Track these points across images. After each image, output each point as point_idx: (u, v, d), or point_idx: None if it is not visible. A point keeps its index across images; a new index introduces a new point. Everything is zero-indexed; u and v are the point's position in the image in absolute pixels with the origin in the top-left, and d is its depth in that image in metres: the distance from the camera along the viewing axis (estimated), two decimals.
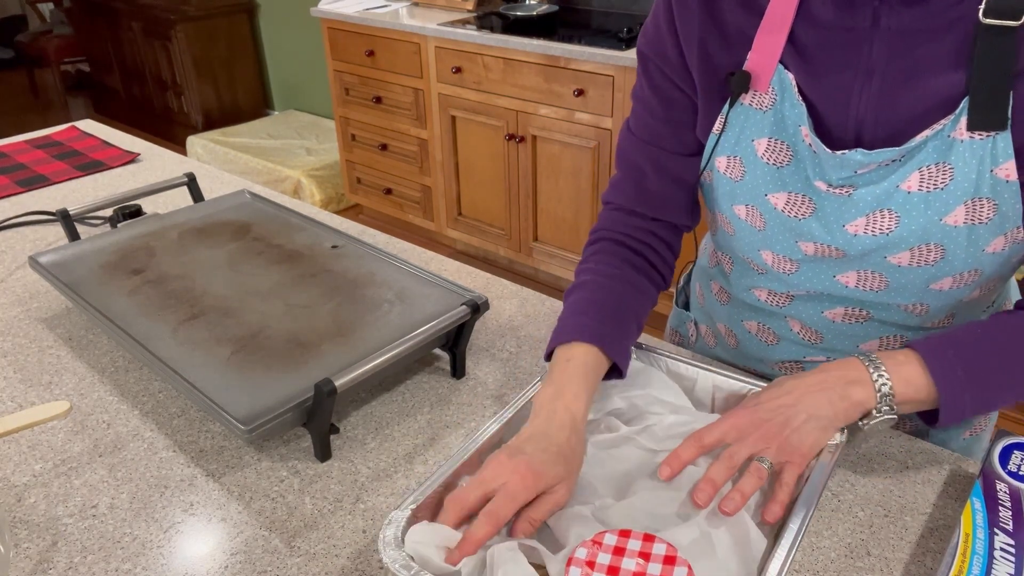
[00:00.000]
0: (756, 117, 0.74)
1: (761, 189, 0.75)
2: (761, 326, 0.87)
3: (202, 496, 0.74)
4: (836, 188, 0.71)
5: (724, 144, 0.76)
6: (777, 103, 0.72)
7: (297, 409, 0.74)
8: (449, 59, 2.79)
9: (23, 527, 0.70)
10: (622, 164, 0.86)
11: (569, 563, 0.57)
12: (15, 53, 6.12)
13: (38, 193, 1.43)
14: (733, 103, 0.74)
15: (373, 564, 0.66)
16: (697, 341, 1.02)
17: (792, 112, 0.71)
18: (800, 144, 0.71)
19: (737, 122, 0.75)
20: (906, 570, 0.64)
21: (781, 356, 0.87)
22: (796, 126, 0.71)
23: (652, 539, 0.59)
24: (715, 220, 0.85)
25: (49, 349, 0.96)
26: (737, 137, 0.75)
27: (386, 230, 1.28)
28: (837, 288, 0.76)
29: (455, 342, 0.88)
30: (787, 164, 0.73)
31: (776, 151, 0.73)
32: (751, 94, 0.73)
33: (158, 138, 4.69)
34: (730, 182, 0.77)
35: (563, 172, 2.66)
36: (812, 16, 0.69)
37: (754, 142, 0.74)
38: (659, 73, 0.80)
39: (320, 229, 1.11)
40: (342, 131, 3.41)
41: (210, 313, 0.90)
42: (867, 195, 0.69)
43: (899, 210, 0.68)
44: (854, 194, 0.70)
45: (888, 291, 0.74)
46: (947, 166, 0.66)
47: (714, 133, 0.77)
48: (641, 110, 0.83)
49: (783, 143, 0.73)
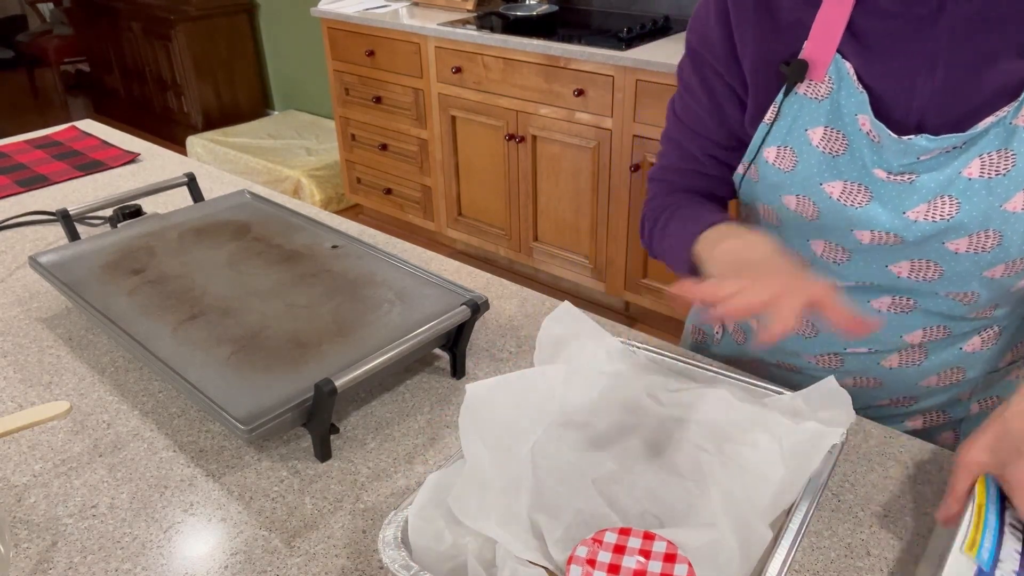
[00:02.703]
0: (811, 106, 0.74)
1: (816, 178, 0.75)
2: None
3: (202, 496, 0.74)
4: (897, 175, 0.71)
5: (775, 134, 0.77)
6: (834, 92, 0.72)
7: (297, 409, 0.74)
8: (449, 59, 2.79)
9: (23, 527, 0.70)
10: (673, 147, 0.89)
11: (570, 561, 0.57)
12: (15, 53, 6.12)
13: (38, 193, 1.43)
14: (788, 92, 0.75)
15: (373, 564, 0.66)
16: (723, 339, 1.01)
17: (849, 101, 0.72)
18: (856, 133, 0.72)
19: (790, 112, 0.75)
20: (906, 570, 0.64)
21: (820, 349, 0.87)
22: (852, 115, 0.72)
23: (653, 537, 0.59)
24: (755, 214, 0.86)
25: (49, 349, 0.96)
26: (789, 127, 0.76)
27: (386, 230, 1.28)
28: (888, 278, 0.77)
29: (455, 342, 0.88)
30: (842, 153, 0.73)
31: (832, 140, 0.74)
32: (806, 83, 0.74)
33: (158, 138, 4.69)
34: (779, 172, 0.77)
35: (563, 172, 2.66)
36: (874, 5, 0.70)
37: (808, 131, 0.75)
38: (707, 65, 0.81)
39: (320, 229, 1.11)
40: (342, 131, 3.41)
41: (210, 313, 0.90)
42: (930, 181, 0.70)
43: (960, 196, 0.69)
44: (916, 181, 0.70)
45: (941, 280, 0.75)
46: (1009, 153, 0.67)
47: (765, 123, 0.77)
48: (689, 98, 0.85)
49: (839, 132, 0.73)
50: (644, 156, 2.40)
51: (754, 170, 0.80)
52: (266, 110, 4.71)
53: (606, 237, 2.64)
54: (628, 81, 2.33)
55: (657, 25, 2.58)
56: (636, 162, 2.42)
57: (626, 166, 2.45)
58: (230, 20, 4.37)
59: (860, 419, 0.82)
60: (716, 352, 1.02)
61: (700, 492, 0.65)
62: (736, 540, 0.60)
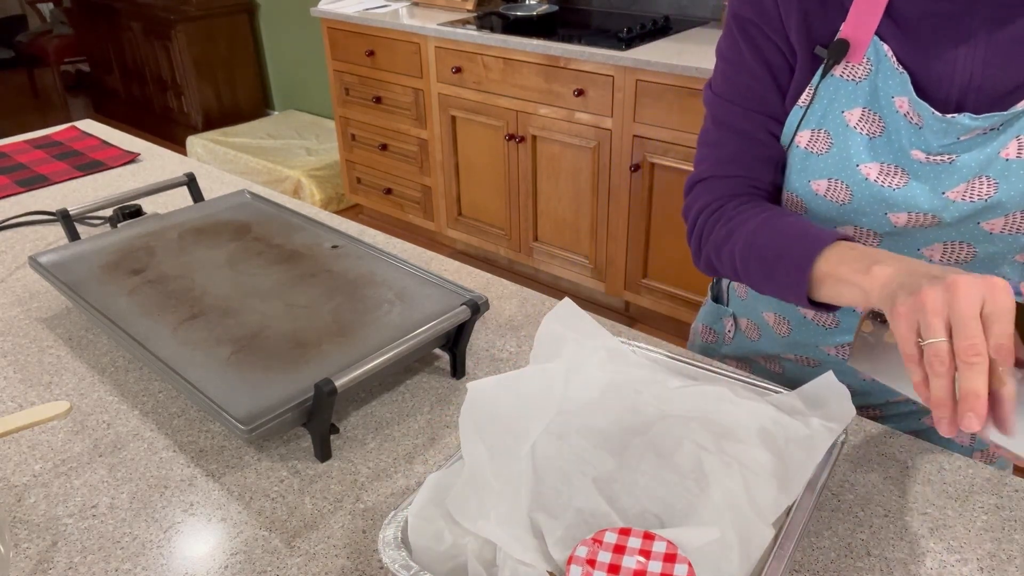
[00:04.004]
0: (847, 88, 0.74)
1: (852, 159, 0.75)
2: None
3: (202, 496, 0.74)
4: (936, 156, 0.71)
5: (810, 117, 0.76)
6: (872, 74, 0.72)
7: (297, 409, 0.74)
8: (449, 59, 2.79)
9: (23, 527, 0.70)
10: (727, 132, 0.82)
11: (570, 561, 0.57)
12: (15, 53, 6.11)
13: (38, 193, 1.43)
14: (825, 74, 0.74)
15: (373, 564, 0.66)
16: (735, 336, 1.01)
17: (886, 83, 0.72)
18: (894, 115, 0.72)
19: (826, 94, 0.75)
20: (906, 570, 0.64)
21: (840, 339, 0.86)
22: (890, 97, 0.72)
23: (653, 537, 0.59)
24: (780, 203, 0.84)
25: (49, 349, 0.96)
26: (825, 109, 0.75)
27: (386, 230, 1.28)
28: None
29: (455, 342, 0.88)
30: (879, 135, 0.73)
31: (870, 121, 0.74)
32: (843, 65, 0.74)
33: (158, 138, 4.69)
34: (811, 156, 0.77)
35: (563, 172, 2.66)
36: None
37: (844, 113, 0.74)
38: (761, 35, 0.79)
39: (320, 229, 1.11)
40: (342, 131, 3.41)
41: (210, 313, 0.90)
42: (969, 161, 0.70)
43: (998, 177, 0.69)
44: (957, 160, 0.71)
45: (973, 262, 0.75)
46: None
47: (800, 106, 0.77)
48: (738, 76, 0.81)
49: (876, 114, 0.73)
50: (644, 156, 2.40)
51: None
52: (266, 110, 4.71)
53: (606, 237, 2.64)
54: (628, 81, 2.33)
55: (657, 25, 2.58)
56: (636, 162, 2.42)
57: (626, 166, 2.45)
58: (230, 20, 4.37)
59: (860, 419, 0.82)
60: (728, 352, 1.01)
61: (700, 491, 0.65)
62: (736, 540, 0.59)
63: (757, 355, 0.97)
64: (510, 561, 0.57)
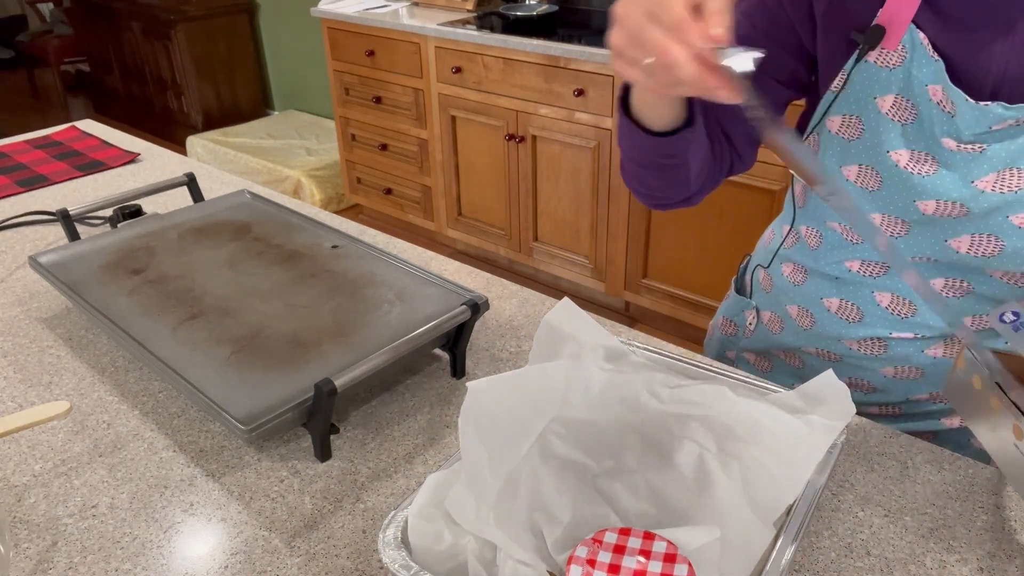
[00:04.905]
0: (881, 75, 0.74)
1: (883, 146, 0.75)
2: (844, 303, 0.86)
3: (202, 496, 0.74)
4: (967, 144, 0.71)
5: (841, 102, 0.76)
6: (907, 61, 0.72)
7: (297, 409, 0.74)
8: (449, 59, 2.79)
9: (23, 527, 0.70)
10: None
11: (570, 561, 0.57)
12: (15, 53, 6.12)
13: (38, 193, 1.43)
14: (860, 59, 0.74)
15: (373, 564, 0.66)
16: (756, 329, 1.00)
17: (921, 71, 0.71)
18: (926, 103, 0.72)
19: (859, 80, 0.75)
20: (906, 570, 0.64)
21: (863, 333, 0.86)
22: (923, 85, 0.72)
23: (653, 537, 0.59)
24: (807, 189, 0.85)
25: (49, 349, 0.96)
26: (857, 95, 0.75)
27: (386, 230, 1.28)
28: (947, 253, 0.76)
29: (455, 342, 0.88)
30: (911, 123, 0.73)
31: (902, 108, 0.74)
32: (877, 51, 0.73)
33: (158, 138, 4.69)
34: (843, 142, 0.77)
35: (563, 172, 2.66)
36: None
37: (876, 100, 0.74)
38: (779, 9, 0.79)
39: (320, 229, 1.11)
40: (342, 131, 3.41)
41: (210, 313, 0.90)
42: (1001, 151, 0.70)
43: None
44: (987, 150, 0.71)
45: (999, 256, 0.75)
46: None
47: (831, 91, 0.77)
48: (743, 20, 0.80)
49: (909, 101, 0.73)
50: None
51: (815, 140, 0.80)
52: (266, 110, 4.71)
53: (606, 237, 2.64)
54: None
55: None
56: None
57: None
58: (230, 20, 4.37)
59: (860, 419, 0.82)
60: (747, 345, 1.01)
61: (700, 491, 0.65)
62: (736, 540, 0.60)
63: (778, 349, 0.96)
64: (510, 561, 0.57)
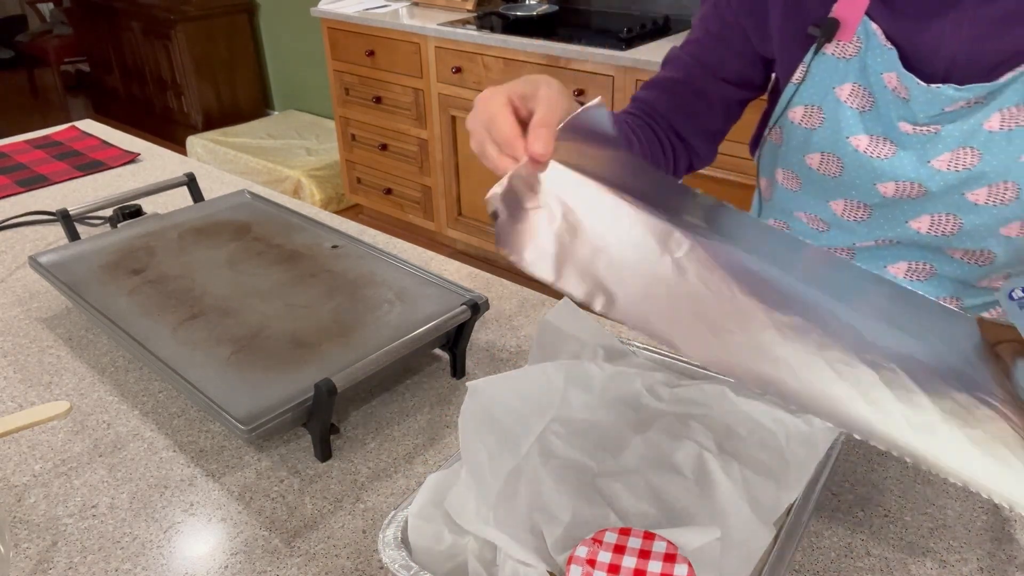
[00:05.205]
0: (839, 65, 0.76)
1: (843, 132, 0.77)
2: None
3: (202, 496, 0.74)
4: (922, 127, 0.74)
5: (803, 93, 0.79)
6: (862, 51, 0.75)
7: (297, 409, 0.74)
8: (449, 59, 2.79)
9: (23, 527, 0.70)
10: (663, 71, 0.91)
11: (570, 561, 0.57)
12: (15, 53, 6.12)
13: (38, 193, 1.43)
14: (818, 51, 0.77)
15: (373, 564, 0.66)
16: None
17: (876, 60, 0.74)
18: (882, 90, 0.75)
19: (818, 71, 0.78)
20: (906, 570, 0.64)
21: None
22: (878, 73, 0.74)
23: (653, 537, 0.59)
24: (773, 182, 0.87)
25: (49, 349, 0.96)
26: (817, 86, 0.78)
27: (386, 230, 1.28)
28: (908, 234, 0.79)
29: (455, 342, 0.88)
30: (869, 109, 0.76)
31: (859, 96, 0.76)
32: (834, 44, 0.76)
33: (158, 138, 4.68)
34: (806, 131, 0.80)
35: None
36: None
37: (835, 89, 0.77)
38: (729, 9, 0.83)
39: (320, 229, 1.11)
40: (342, 131, 3.41)
41: (210, 313, 0.90)
42: (954, 131, 0.72)
43: (981, 148, 0.72)
44: (942, 131, 0.73)
45: (959, 235, 0.77)
46: None
47: (793, 83, 0.79)
48: (698, 24, 0.87)
49: (865, 89, 0.76)
50: None
51: (778, 133, 0.83)
52: (266, 110, 4.71)
53: None
54: (628, 81, 2.33)
55: (657, 25, 2.58)
56: None
57: None
58: (230, 20, 4.37)
59: None
60: None
61: (700, 491, 0.65)
62: (736, 540, 0.60)
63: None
64: (510, 561, 0.57)
